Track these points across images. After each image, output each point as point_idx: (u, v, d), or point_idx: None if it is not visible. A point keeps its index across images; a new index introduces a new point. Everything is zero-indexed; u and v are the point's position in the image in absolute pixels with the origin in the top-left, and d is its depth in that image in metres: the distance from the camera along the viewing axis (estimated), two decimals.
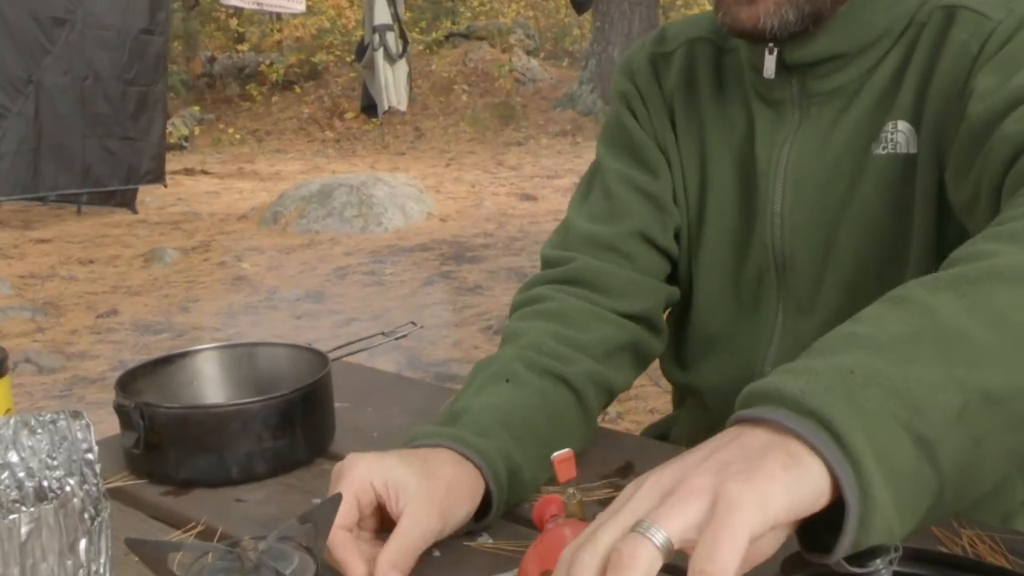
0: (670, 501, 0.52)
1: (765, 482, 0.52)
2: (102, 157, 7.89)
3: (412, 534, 0.80)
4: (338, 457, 1.07)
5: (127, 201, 8.33)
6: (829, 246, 1.03)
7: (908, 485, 0.55)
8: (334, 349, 1.22)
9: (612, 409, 3.48)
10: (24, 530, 0.60)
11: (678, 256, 1.16)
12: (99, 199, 8.19)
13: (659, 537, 0.50)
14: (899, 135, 0.98)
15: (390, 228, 7.20)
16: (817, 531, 0.56)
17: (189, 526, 0.92)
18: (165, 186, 8.96)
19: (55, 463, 0.74)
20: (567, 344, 1.03)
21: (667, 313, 1.20)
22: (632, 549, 0.50)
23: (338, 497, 0.76)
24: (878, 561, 0.58)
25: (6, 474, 0.75)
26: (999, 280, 0.60)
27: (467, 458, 0.87)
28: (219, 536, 0.90)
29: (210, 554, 0.72)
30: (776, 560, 0.71)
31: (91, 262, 6.41)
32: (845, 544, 0.54)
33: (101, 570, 0.72)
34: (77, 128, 7.59)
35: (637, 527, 0.51)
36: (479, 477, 0.87)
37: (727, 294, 1.12)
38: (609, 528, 0.53)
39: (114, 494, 0.99)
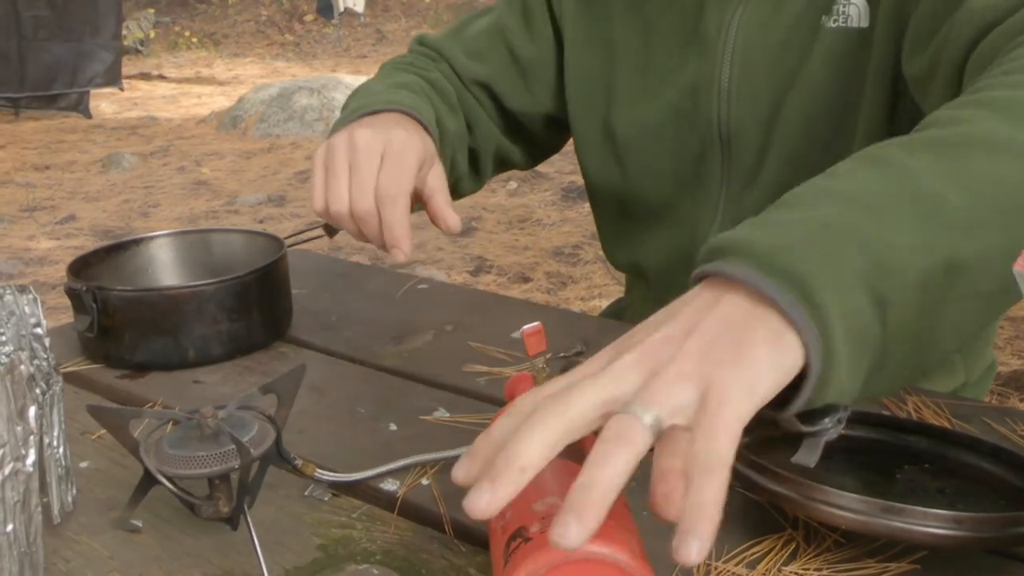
0: (657, 384, 0.50)
1: (752, 369, 0.50)
2: (43, 61, 7.71)
3: (445, 184, 0.99)
4: (295, 341, 1.08)
5: (77, 105, 8.15)
6: (775, 120, 1.01)
7: (860, 344, 0.54)
8: (290, 236, 1.21)
9: (576, 307, 3.51)
10: None
11: (533, 128, 1.23)
12: (41, 103, 8.03)
13: (649, 418, 0.48)
14: (851, 8, 0.96)
15: None
16: None
17: (147, 406, 0.92)
18: (121, 90, 8.77)
19: (3, 338, 0.73)
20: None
21: (601, 193, 1.21)
22: (628, 427, 0.48)
23: (301, 369, 0.76)
24: (827, 420, 0.58)
25: None
26: (977, 147, 0.59)
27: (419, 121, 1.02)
28: None
29: (170, 422, 0.73)
30: None
31: (47, 168, 6.29)
32: (800, 403, 0.53)
33: (55, 443, 0.72)
34: (11, 32, 7.41)
35: (629, 407, 0.49)
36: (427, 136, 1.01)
37: (667, 169, 1.10)
38: (585, 393, 0.50)
39: (70, 378, 0.98)
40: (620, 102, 1.13)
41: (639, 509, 0.70)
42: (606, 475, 0.47)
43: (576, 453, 0.63)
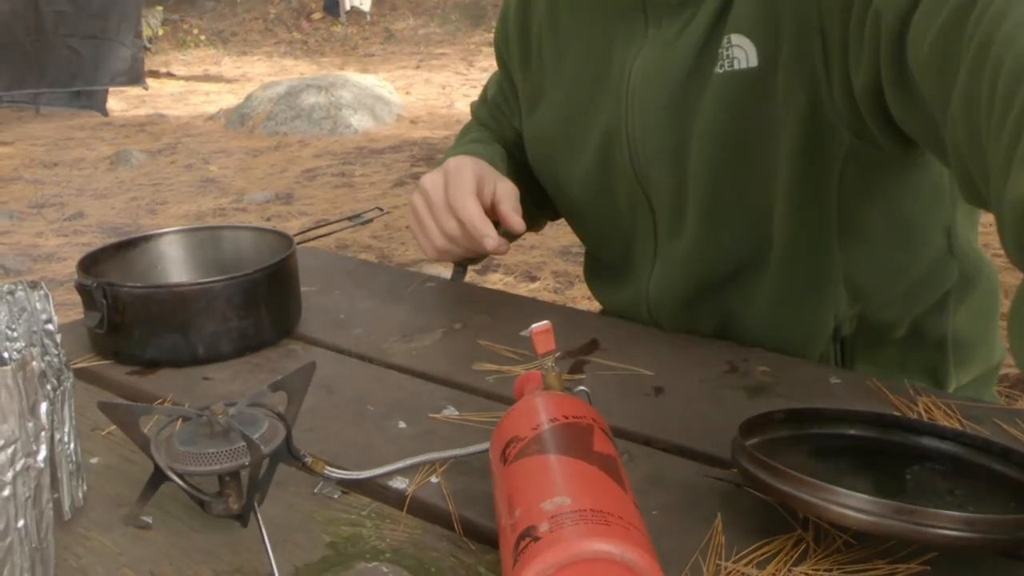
0: None
1: None
2: (63, 57, 7.71)
3: (514, 193, 1.07)
4: (304, 338, 1.08)
5: (95, 103, 8.17)
6: (682, 168, 0.98)
7: None
8: (299, 233, 1.21)
9: (583, 306, 3.51)
10: None
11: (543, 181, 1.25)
12: (62, 100, 8.03)
13: None
14: (735, 50, 0.91)
15: (360, 130, 7.11)
16: None
17: (156, 402, 0.92)
18: (146, 89, 8.77)
19: (15, 334, 0.73)
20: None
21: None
22: None
23: (311, 366, 0.76)
24: None
25: None
26: None
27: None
28: None
29: (180, 419, 0.73)
30: (734, 423, 0.73)
31: (56, 165, 6.31)
32: None
33: (65, 438, 0.72)
34: (31, 28, 7.42)
35: None
36: None
37: (608, 220, 1.11)
38: None
39: (80, 374, 0.99)
40: (562, 157, 1.13)
41: (647, 509, 0.70)
42: None
43: (585, 452, 0.63)
